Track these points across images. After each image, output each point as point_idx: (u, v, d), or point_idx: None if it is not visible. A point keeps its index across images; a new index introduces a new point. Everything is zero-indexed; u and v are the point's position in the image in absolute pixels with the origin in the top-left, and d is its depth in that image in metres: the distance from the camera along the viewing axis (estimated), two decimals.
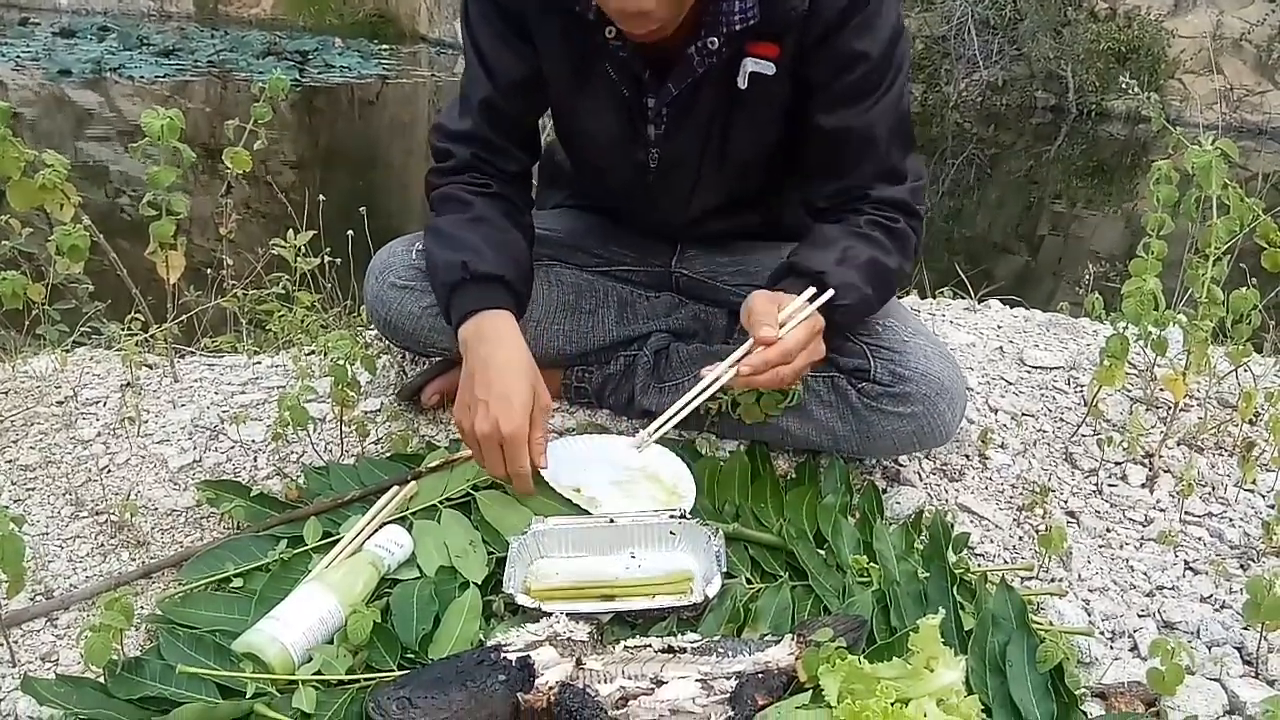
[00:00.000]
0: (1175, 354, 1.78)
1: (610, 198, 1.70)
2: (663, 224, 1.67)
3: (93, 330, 2.20)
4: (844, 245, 1.42)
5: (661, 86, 1.42)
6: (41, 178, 1.58)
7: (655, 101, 1.44)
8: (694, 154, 1.49)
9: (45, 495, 1.51)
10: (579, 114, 1.52)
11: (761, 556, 1.38)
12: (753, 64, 1.38)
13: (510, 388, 1.34)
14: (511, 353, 1.38)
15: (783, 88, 1.41)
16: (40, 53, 9.70)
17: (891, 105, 1.42)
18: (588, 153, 1.60)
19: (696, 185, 1.54)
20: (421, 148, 8.74)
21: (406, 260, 1.60)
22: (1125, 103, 9.17)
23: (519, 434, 1.33)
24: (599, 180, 1.66)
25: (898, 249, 1.45)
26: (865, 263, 1.41)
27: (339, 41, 10.85)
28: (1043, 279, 5.81)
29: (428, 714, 1.06)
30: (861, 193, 1.46)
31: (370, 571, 1.28)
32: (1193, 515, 1.57)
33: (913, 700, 1.07)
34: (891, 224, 1.45)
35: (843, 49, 1.37)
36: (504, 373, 1.35)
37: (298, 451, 1.62)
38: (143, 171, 1.67)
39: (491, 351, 1.37)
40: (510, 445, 1.33)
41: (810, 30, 1.36)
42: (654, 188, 1.55)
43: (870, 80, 1.39)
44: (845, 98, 1.40)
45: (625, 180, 1.57)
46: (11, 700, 1.14)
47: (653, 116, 1.46)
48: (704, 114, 1.44)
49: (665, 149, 1.49)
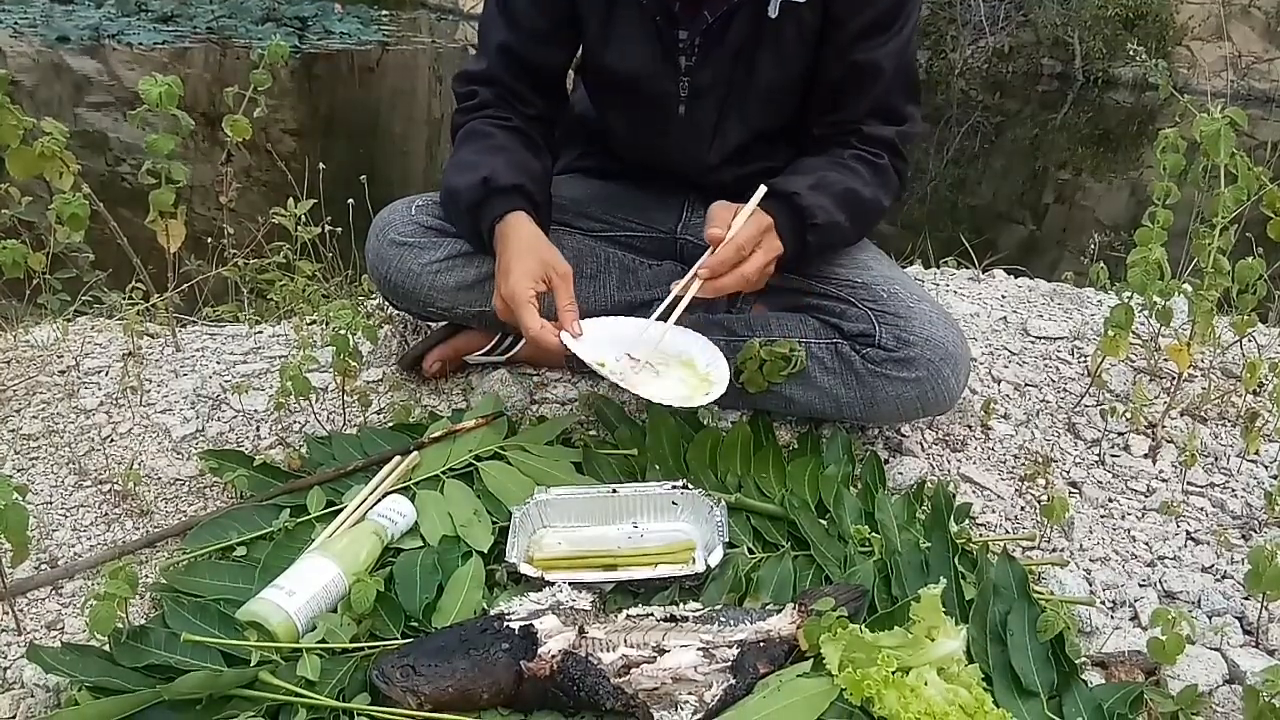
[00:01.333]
0: (1180, 324, 1.77)
1: (631, 141, 1.69)
2: (681, 168, 1.66)
3: (94, 299, 2.20)
4: (821, 173, 1.48)
5: (694, 18, 1.45)
6: (40, 145, 1.57)
7: (688, 33, 1.47)
8: (723, 83, 1.52)
9: (49, 465, 1.51)
10: (611, 47, 1.53)
11: (763, 526, 1.38)
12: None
13: (513, 260, 1.39)
14: (522, 237, 1.43)
15: (813, 15, 1.45)
16: (38, 19, 9.60)
17: (900, 48, 1.47)
18: (617, 87, 1.60)
19: (723, 118, 1.56)
20: (421, 115, 8.69)
21: (407, 216, 1.60)
22: (1132, 70, 9.07)
23: (514, 294, 1.36)
24: (624, 119, 1.66)
25: (877, 183, 1.50)
26: (842, 191, 1.47)
27: (339, 7, 10.73)
28: (1047, 248, 5.78)
29: (431, 682, 1.07)
30: (853, 126, 1.51)
31: (373, 541, 1.29)
32: (1195, 485, 1.57)
33: (913, 669, 1.08)
34: (875, 159, 1.51)
35: None
36: (511, 251, 1.41)
37: (300, 421, 1.62)
38: (142, 139, 1.66)
39: (506, 242, 1.43)
40: (511, 303, 1.37)
41: None
42: (681, 121, 1.57)
43: (886, 18, 1.45)
44: (859, 33, 1.45)
45: (652, 115, 1.59)
46: (18, 668, 1.15)
47: (684, 47, 1.48)
48: (735, 43, 1.48)
49: (695, 79, 1.52)
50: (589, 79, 1.68)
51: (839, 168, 1.49)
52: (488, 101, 1.55)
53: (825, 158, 1.51)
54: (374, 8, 11.21)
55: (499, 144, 1.51)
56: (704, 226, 1.64)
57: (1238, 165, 1.55)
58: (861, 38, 1.45)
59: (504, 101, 1.55)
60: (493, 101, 1.55)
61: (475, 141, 1.53)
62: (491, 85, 1.55)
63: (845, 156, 1.50)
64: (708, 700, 1.08)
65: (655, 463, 1.50)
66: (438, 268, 1.56)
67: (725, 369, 1.44)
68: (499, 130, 1.53)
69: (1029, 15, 9.79)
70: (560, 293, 1.40)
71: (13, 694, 1.13)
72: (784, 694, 1.09)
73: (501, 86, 1.55)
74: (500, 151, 1.50)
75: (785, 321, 1.59)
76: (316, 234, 2.14)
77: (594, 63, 1.60)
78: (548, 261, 1.40)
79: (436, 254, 1.57)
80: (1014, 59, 9.84)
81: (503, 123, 1.54)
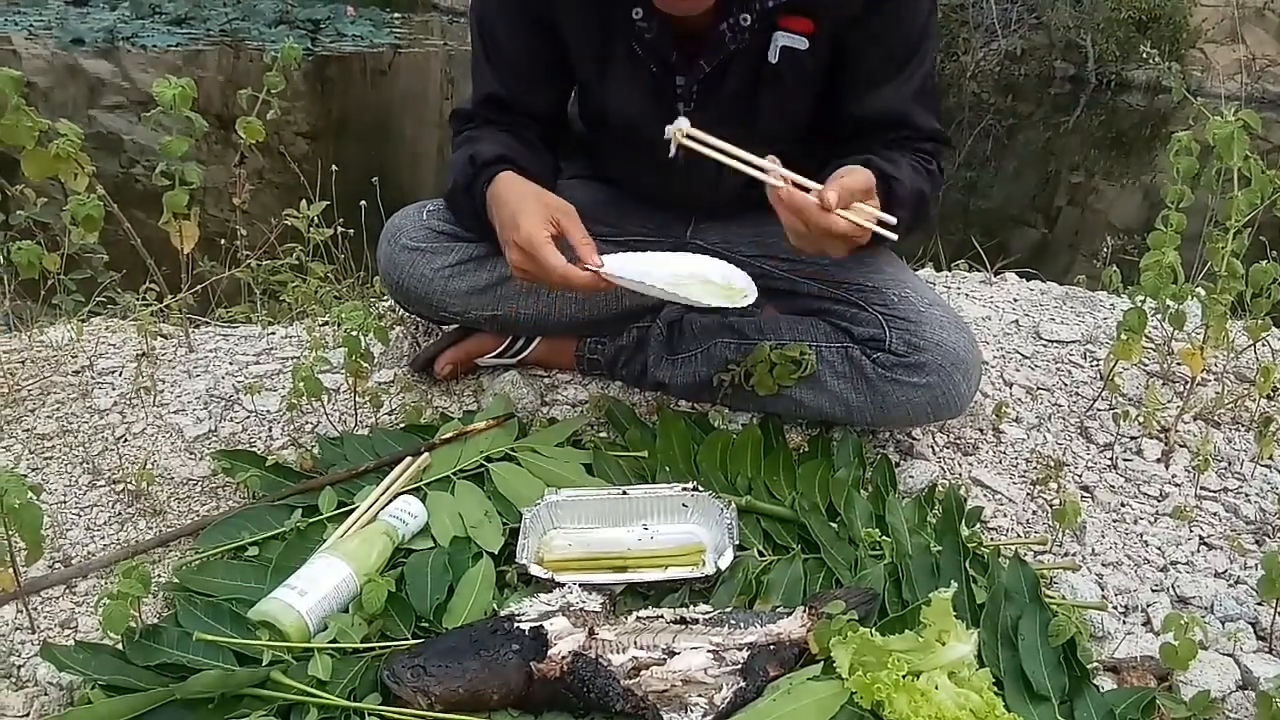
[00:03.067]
0: (1193, 328, 1.77)
1: (631, 180, 1.68)
2: (682, 202, 1.66)
3: (108, 300, 2.21)
4: (908, 169, 1.40)
5: (691, 65, 1.41)
6: (55, 147, 1.58)
7: (685, 80, 1.43)
8: (723, 130, 1.48)
9: (63, 464, 1.52)
10: (606, 94, 1.51)
11: (774, 529, 1.38)
12: (784, 38, 1.38)
13: (516, 211, 1.37)
14: (514, 189, 1.40)
15: (815, 62, 1.41)
16: (53, 21, 9.66)
17: (922, 78, 1.43)
18: (615, 133, 1.59)
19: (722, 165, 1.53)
20: (433, 117, 8.70)
21: (418, 222, 1.60)
22: (1145, 73, 9.04)
23: (531, 237, 1.33)
24: (623, 159, 1.65)
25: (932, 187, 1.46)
26: (918, 195, 1.41)
27: (351, 10, 10.77)
28: (1060, 252, 5.76)
29: (442, 682, 1.07)
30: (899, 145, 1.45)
31: (385, 541, 1.29)
32: (1208, 490, 1.56)
33: (924, 673, 1.08)
34: (924, 161, 1.45)
35: (882, 25, 1.37)
36: (509, 204, 1.38)
37: (312, 422, 1.63)
38: (156, 141, 1.67)
39: (499, 199, 1.41)
40: (530, 248, 1.33)
41: (848, 7, 1.35)
42: (679, 169, 1.54)
43: (904, 56, 1.40)
44: (882, 74, 1.41)
45: (652, 161, 1.55)
46: (31, 666, 1.16)
47: (682, 94, 1.45)
48: (733, 90, 1.44)
49: (695, 126, 1.48)
50: (586, 122, 1.66)
51: (915, 171, 1.42)
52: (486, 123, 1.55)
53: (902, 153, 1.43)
54: (386, 10, 11.25)
55: (490, 136, 1.50)
56: (731, 226, 1.63)
57: (1251, 168, 1.55)
58: (884, 78, 1.41)
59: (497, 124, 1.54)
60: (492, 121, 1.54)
61: (472, 142, 1.52)
62: (484, 119, 1.54)
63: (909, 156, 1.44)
64: (717, 703, 1.08)
65: (665, 465, 1.50)
66: (449, 273, 1.57)
67: (743, 275, 1.45)
68: (500, 132, 1.52)
69: (1041, 18, 9.77)
70: (572, 230, 1.36)
71: (26, 692, 1.14)
72: (794, 697, 1.08)
73: (493, 119, 1.54)
74: (489, 140, 1.49)
75: (796, 324, 1.58)
76: (329, 236, 2.14)
77: (590, 109, 1.59)
78: (550, 204, 1.38)
79: (448, 259, 1.57)
80: (1026, 61, 9.81)
81: (497, 129, 1.53)
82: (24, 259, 1.64)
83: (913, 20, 1.39)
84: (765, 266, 1.64)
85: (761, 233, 1.66)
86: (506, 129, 1.53)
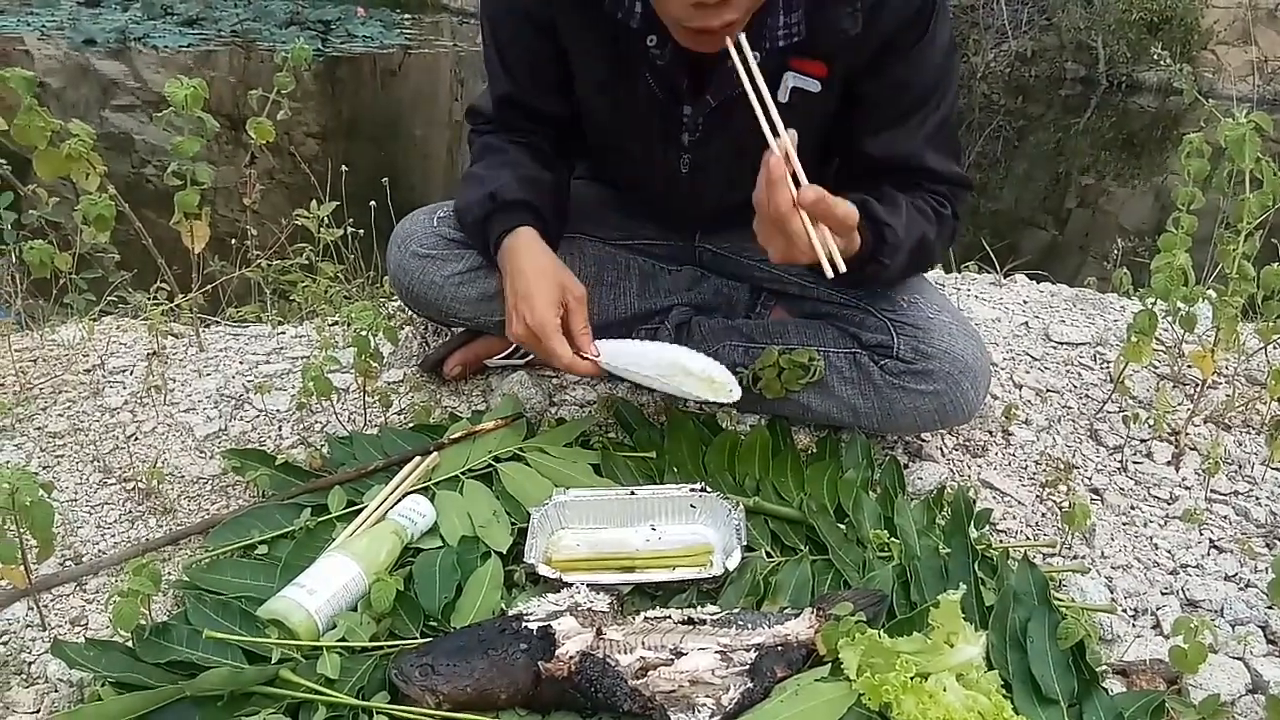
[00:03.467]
0: (1204, 330, 1.76)
1: (634, 195, 1.68)
2: (682, 217, 1.67)
3: (119, 299, 2.22)
4: (907, 213, 1.38)
5: (699, 96, 1.41)
6: (67, 147, 1.59)
7: (693, 111, 1.43)
8: (727, 162, 1.48)
9: (74, 462, 1.53)
10: (611, 117, 1.51)
11: (782, 530, 1.38)
12: (795, 79, 1.37)
13: (532, 287, 1.39)
14: (534, 259, 1.43)
15: (826, 106, 1.40)
16: (65, 22, 9.72)
17: (943, 120, 1.41)
18: (616, 153, 1.60)
19: (728, 189, 1.53)
20: (443, 118, 8.72)
21: (429, 228, 1.60)
22: (1157, 74, 9.01)
23: (544, 324, 1.38)
24: (625, 179, 1.66)
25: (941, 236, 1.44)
26: (919, 240, 1.39)
27: (361, 11, 10.81)
28: (1070, 253, 5.74)
29: (450, 681, 1.07)
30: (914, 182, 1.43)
31: (393, 540, 1.29)
32: (1218, 493, 1.55)
33: (932, 675, 1.08)
34: (934, 205, 1.43)
35: (897, 73, 1.36)
36: (527, 276, 1.41)
37: (321, 421, 1.63)
38: (167, 141, 1.68)
39: (518, 263, 1.42)
40: (540, 335, 1.38)
41: (863, 51, 1.34)
42: (681, 189, 1.55)
43: (917, 101, 1.39)
44: (898, 119, 1.40)
45: (652, 181, 1.57)
46: (42, 663, 1.17)
47: (688, 124, 1.45)
48: (740, 125, 1.41)
49: (698, 156, 1.49)
50: (590, 139, 1.63)
51: (919, 212, 1.41)
52: (501, 125, 1.54)
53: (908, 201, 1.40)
54: (396, 11, 11.29)
55: (510, 159, 1.50)
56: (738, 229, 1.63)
57: (1263, 170, 1.54)
58: (898, 122, 1.39)
59: (514, 129, 1.54)
60: (506, 124, 1.54)
61: (488, 156, 1.52)
62: (500, 122, 1.55)
63: (918, 198, 1.42)
64: (725, 703, 1.08)
65: (674, 465, 1.50)
66: (460, 280, 1.56)
67: (721, 369, 1.47)
68: (512, 145, 1.52)
69: (1052, 19, 9.74)
70: (576, 316, 1.41)
71: (37, 688, 1.14)
72: (802, 698, 1.08)
73: (509, 122, 1.54)
74: (510, 166, 1.49)
75: (804, 329, 1.58)
76: (339, 236, 2.15)
77: (593, 128, 1.57)
78: (565, 285, 1.41)
79: (459, 266, 1.57)
80: (1037, 63, 9.78)
81: (516, 138, 1.53)
82: (36, 258, 1.65)
83: (927, 67, 1.37)
84: (776, 270, 1.64)
85: None
86: (524, 141, 1.52)
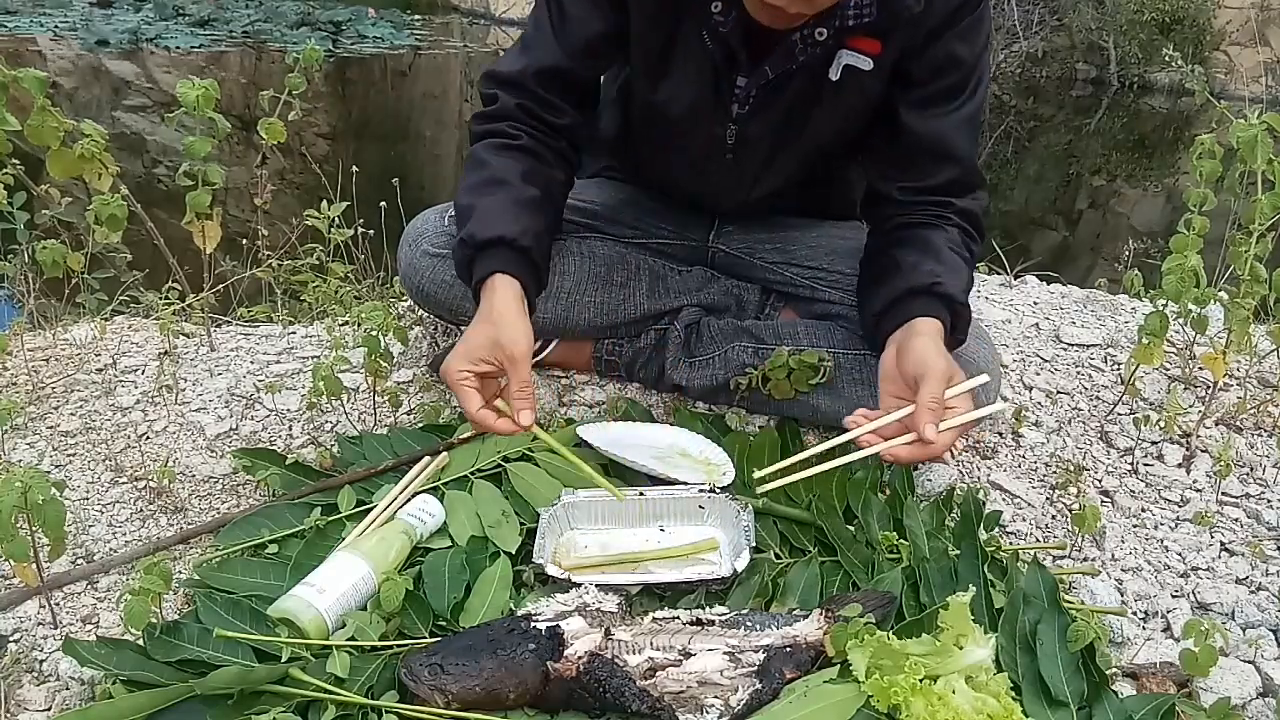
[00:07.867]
0: (1215, 332, 1.75)
1: (667, 176, 1.67)
2: (713, 201, 1.66)
3: (131, 299, 2.23)
4: (967, 274, 1.41)
5: (756, 67, 1.40)
6: (80, 147, 1.60)
7: (747, 81, 1.42)
8: (773, 136, 1.48)
9: (86, 461, 1.54)
10: (663, 81, 1.48)
11: (790, 531, 1.38)
12: (849, 57, 1.38)
13: (468, 335, 1.30)
14: (488, 311, 1.32)
15: (876, 83, 1.41)
16: (78, 23, 9.78)
17: (975, 110, 1.43)
18: (663, 122, 1.55)
19: (767, 167, 1.54)
20: (453, 118, 8.74)
21: (439, 228, 1.60)
22: (1168, 75, 8.98)
23: (448, 373, 1.27)
24: (665, 157, 1.63)
25: None
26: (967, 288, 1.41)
27: (372, 12, 10.85)
28: (1081, 255, 5.73)
29: (458, 680, 1.07)
30: (945, 201, 1.44)
31: (403, 540, 1.30)
32: (1230, 496, 1.55)
33: (941, 677, 1.07)
34: (971, 242, 1.46)
35: (946, 51, 1.37)
36: (474, 325, 1.31)
37: (332, 421, 1.64)
38: (179, 141, 1.68)
39: (480, 309, 1.34)
40: (448, 384, 1.28)
41: (919, 29, 1.35)
42: (724, 165, 1.54)
43: (963, 83, 1.41)
44: (938, 99, 1.41)
45: (694, 154, 1.55)
46: (53, 661, 1.17)
47: (740, 95, 1.44)
48: (791, 99, 1.43)
49: (745, 128, 1.48)
50: (633, 113, 1.62)
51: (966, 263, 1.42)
52: (507, 112, 1.46)
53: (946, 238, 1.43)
54: (407, 12, 11.32)
55: (494, 176, 1.41)
56: (754, 230, 1.63)
57: (1275, 172, 1.53)
58: (942, 101, 1.41)
59: (525, 112, 1.45)
60: (512, 113, 1.45)
61: (474, 173, 1.44)
62: (518, 92, 1.45)
63: (958, 242, 1.43)
64: (733, 704, 1.08)
65: None
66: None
67: (718, 450, 1.51)
68: (499, 155, 1.43)
69: (1063, 20, 9.72)
70: (511, 377, 1.28)
71: (48, 686, 1.15)
72: (810, 700, 1.08)
73: (530, 95, 1.45)
74: (491, 189, 1.40)
75: (814, 330, 1.58)
76: (349, 236, 2.16)
77: (642, 98, 1.54)
78: (500, 341, 1.27)
79: None
80: (1048, 64, 9.76)
81: (508, 142, 1.44)
82: (48, 258, 1.66)
83: (972, 48, 1.39)
84: (786, 274, 1.64)
85: (785, 239, 1.67)
86: (526, 141, 1.44)
